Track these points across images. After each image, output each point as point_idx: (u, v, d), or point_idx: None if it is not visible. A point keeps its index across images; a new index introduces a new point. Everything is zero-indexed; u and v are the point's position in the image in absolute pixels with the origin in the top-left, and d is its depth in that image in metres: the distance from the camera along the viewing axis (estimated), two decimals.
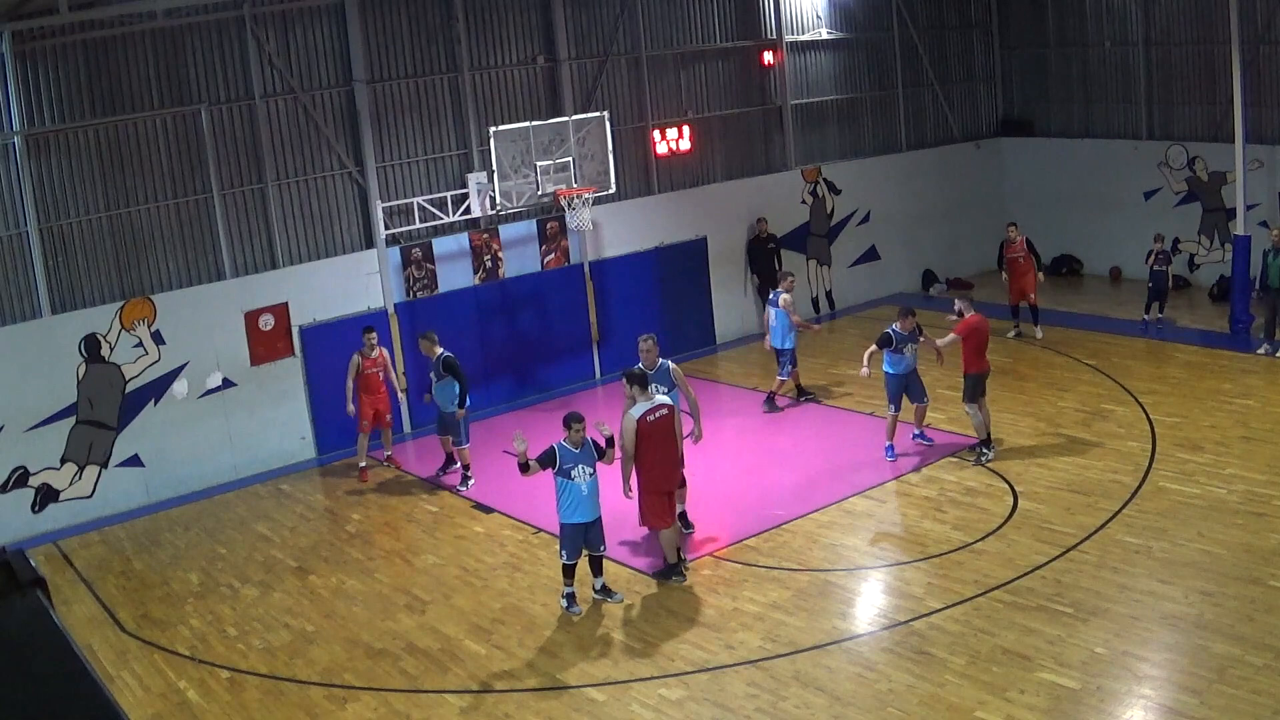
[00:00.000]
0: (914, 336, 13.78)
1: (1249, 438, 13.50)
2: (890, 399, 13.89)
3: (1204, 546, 10.84)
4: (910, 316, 13.81)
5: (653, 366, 12.22)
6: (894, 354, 13.75)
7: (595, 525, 10.71)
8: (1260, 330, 16.97)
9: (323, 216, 16.27)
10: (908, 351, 13.75)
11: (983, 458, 13.37)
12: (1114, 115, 21.90)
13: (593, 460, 10.61)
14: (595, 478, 10.63)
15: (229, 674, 10.32)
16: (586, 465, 10.53)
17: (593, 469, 10.58)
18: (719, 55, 19.95)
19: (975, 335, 13.43)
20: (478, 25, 17.28)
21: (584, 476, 10.51)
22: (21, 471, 14.02)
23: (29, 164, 14.04)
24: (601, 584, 10.95)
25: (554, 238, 17.93)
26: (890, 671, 9.23)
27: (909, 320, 13.75)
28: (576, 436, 10.52)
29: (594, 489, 10.63)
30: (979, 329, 13.48)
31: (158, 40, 14.76)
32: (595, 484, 10.64)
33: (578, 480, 10.49)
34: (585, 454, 10.57)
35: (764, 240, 20.02)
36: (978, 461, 13.34)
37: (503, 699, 9.47)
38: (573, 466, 10.48)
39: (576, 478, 10.49)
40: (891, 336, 13.69)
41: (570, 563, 10.69)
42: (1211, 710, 8.23)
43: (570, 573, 10.74)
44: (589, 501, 10.59)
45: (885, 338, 13.74)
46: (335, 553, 12.90)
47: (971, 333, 13.43)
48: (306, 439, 16.14)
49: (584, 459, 10.54)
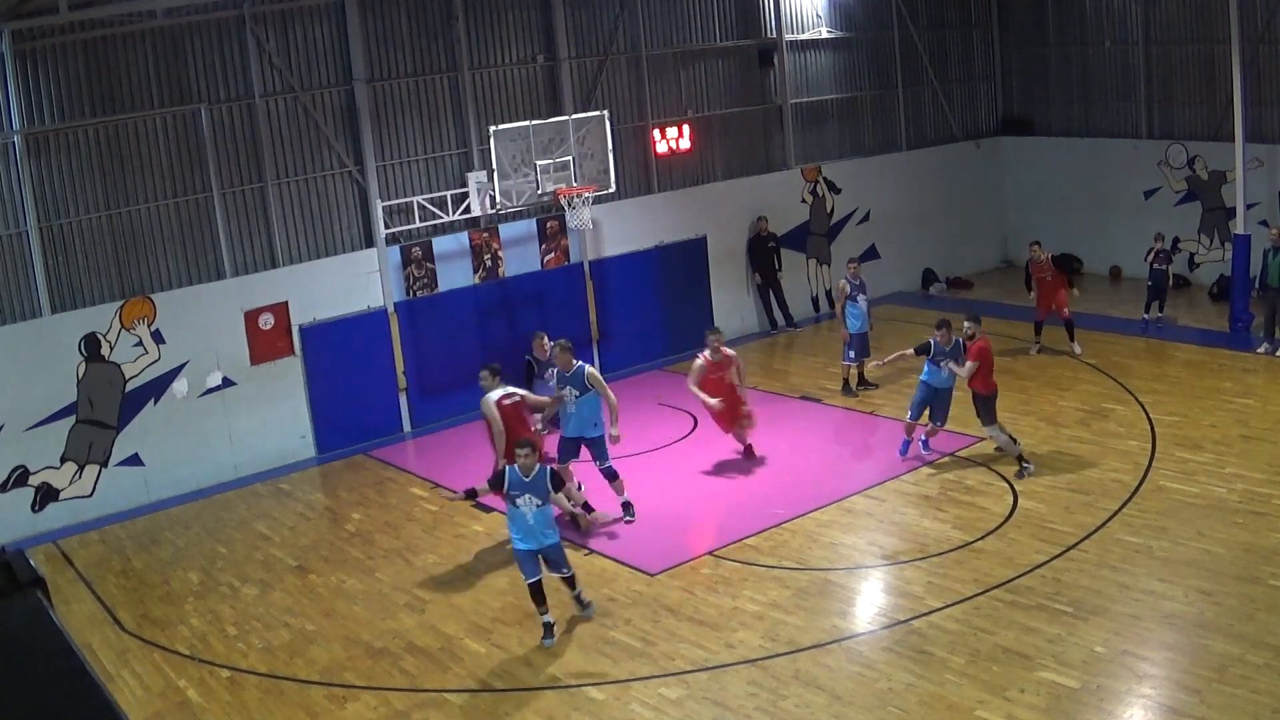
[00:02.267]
0: (956, 354, 13.16)
1: (1249, 437, 13.50)
2: (913, 405, 13.55)
3: (1204, 545, 10.84)
4: (946, 329, 13.24)
5: (568, 369, 12.58)
6: (931, 364, 13.35)
7: (550, 550, 10.27)
8: (1260, 329, 16.98)
9: (322, 215, 16.27)
10: (943, 366, 13.25)
11: (1024, 471, 12.84)
12: (1114, 114, 21.90)
13: (543, 492, 10.07)
14: (545, 508, 10.12)
15: (229, 673, 10.32)
16: (534, 496, 10.03)
17: (541, 500, 10.06)
18: (719, 54, 19.94)
19: (988, 357, 13.13)
20: (478, 24, 17.28)
21: (530, 506, 10.03)
22: (21, 471, 14.03)
23: (29, 163, 14.05)
24: (575, 595, 10.55)
25: (554, 237, 17.93)
26: (890, 670, 9.23)
27: (945, 333, 13.20)
28: (525, 463, 10.05)
29: (542, 519, 10.11)
30: (990, 350, 13.17)
31: (158, 40, 14.76)
32: (544, 515, 10.12)
33: (523, 509, 10.05)
34: (535, 484, 10.06)
35: (764, 239, 20.03)
36: (1020, 475, 12.80)
37: (503, 698, 9.47)
38: (519, 495, 10.05)
39: (522, 506, 10.06)
40: (931, 345, 13.30)
41: (528, 581, 10.28)
42: (1211, 709, 8.23)
43: (534, 593, 10.25)
44: (536, 531, 10.10)
45: (925, 345, 13.37)
46: (335, 552, 12.91)
47: (985, 355, 13.07)
48: (306, 438, 16.14)
49: (533, 489, 10.04)
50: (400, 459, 15.79)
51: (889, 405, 15.74)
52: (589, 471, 13.03)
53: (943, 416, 13.62)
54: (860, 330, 16.09)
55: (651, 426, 15.60)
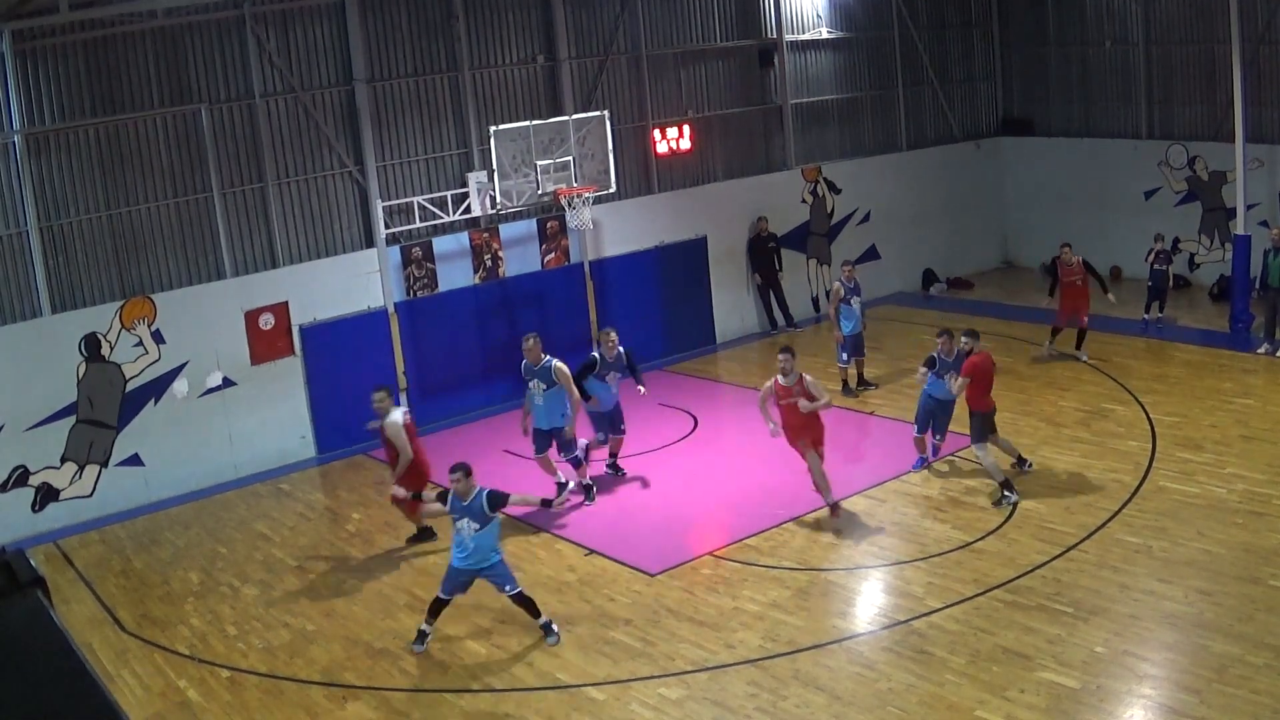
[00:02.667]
0: (958, 366, 12.67)
1: (1249, 437, 13.50)
2: (917, 418, 13.33)
3: (1204, 546, 10.84)
4: (947, 337, 12.96)
5: (536, 363, 13.03)
6: (936, 377, 13.05)
7: (490, 573, 10.17)
8: (1260, 329, 16.97)
9: (323, 215, 16.27)
10: (948, 381, 12.84)
11: (1005, 500, 12.14)
12: (1114, 114, 21.89)
13: (480, 516, 9.99)
14: (484, 532, 10.02)
15: (229, 673, 10.32)
16: (472, 519, 9.98)
17: (479, 525, 9.98)
18: (719, 54, 19.95)
19: (982, 374, 12.46)
20: (478, 24, 17.28)
21: (469, 530, 10.00)
22: (22, 471, 14.03)
23: (29, 163, 14.05)
24: (542, 622, 10.37)
25: (554, 237, 17.93)
26: (890, 671, 9.23)
27: (947, 341, 12.93)
28: (459, 487, 10.03)
29: (483, 543, 10.04)
30: (985, 367, 12.50)
31: (158, 39, 14.76)
32: (485, 539, 10.04)
33: (462, 532, 10.05)
34: (472, 508, 10.01)
35: (765, 239, 20.03)
36: (999, 503, 12.13)
37: (503, 698, 9.47)
38: (458, 518, 10.07)
39: (462, 530, 10.05)
40: (935, 360, 13.02)
41: (440, 596, 10.27)
42: (1211, 709, 8.23)
43: (435, 606, 10.28)
44: (474, 554, 10.05)
45: (930, 360, 13.11)
46: (335, 552, 12.91)
47: (978, 372, 12.43)
48: (306, 438, 16.14)
49: (469, 513, 10.00)
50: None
51: (888, 406, 15.75)
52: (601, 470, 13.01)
53: (943, 430, 13.35)
54: (854, 331, 16.11)
55: (651, 426, 15.59)
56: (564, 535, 12.61)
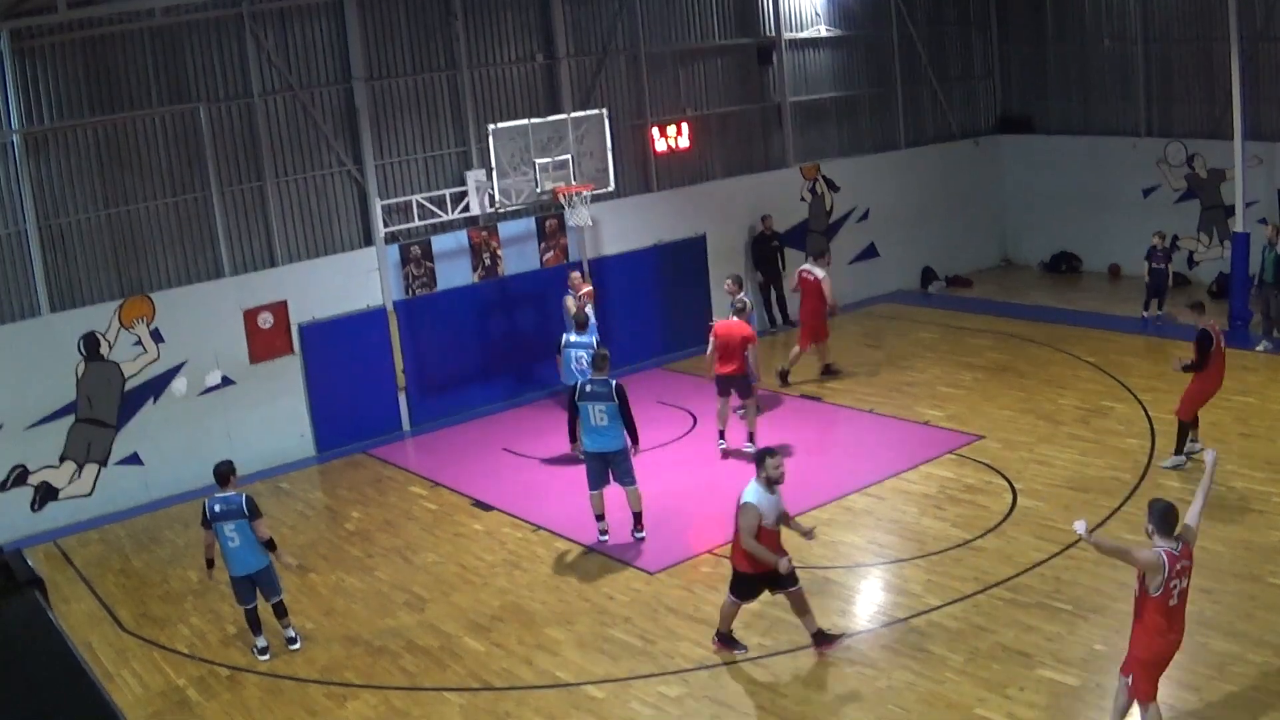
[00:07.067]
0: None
1: (1248, 435, 13.50)
2: None
3: (1203, 543, 10.77)
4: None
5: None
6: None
7: (262, 574, 10.28)
8: (1259, 327, 16.96)
9: (321, 214, 16.26)
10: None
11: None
12: (1113, 112, 21.89)
13: (238, 517, 10.07)
14: (243, 540, 10.11)
15: (229, 672, 10.32)
16: (227, 523, 10.09)
17: (234, 527, 10.07)
18: (718, 52, 19.93)
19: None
20: (476, 22, 17.26)
21: (235, 539, 10.11)
22: (21, 470, 14.03)
23: (28, 162, 14.03)
24: (290, 634, 10.52)
25: (553, 235, 17.92)
26: (889, 669, 9.23)
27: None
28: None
29: (248, 546, 10.13)
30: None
31: (156, 38, 14.75)
32: (247, 544, 10.12)
33: (226, 536, 10.14)
34: (230, 512, 10.12)
35: (767, 238, 20.02)
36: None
37: (502, 696, 9.47)
38: (223, 524, 10.15)
39: (228, 535, 10.13)
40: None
41: (243, 607, 10.36)
42: (1211, 707, 8.25)
43: (249, 620, 10.40)
44: (239, 557, 10.18)
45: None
46: (334, 550, 12.91)
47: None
48: (305, 437, 16.14)
49: (228, 517, 10.11)
50: (399, 458, 15.78)
51: (888, 405, 15.74)
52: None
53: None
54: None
55: (651, 425, 15.57)
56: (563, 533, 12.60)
